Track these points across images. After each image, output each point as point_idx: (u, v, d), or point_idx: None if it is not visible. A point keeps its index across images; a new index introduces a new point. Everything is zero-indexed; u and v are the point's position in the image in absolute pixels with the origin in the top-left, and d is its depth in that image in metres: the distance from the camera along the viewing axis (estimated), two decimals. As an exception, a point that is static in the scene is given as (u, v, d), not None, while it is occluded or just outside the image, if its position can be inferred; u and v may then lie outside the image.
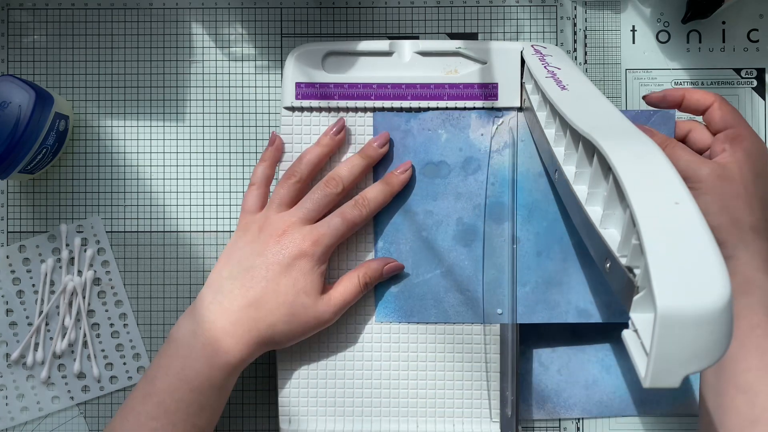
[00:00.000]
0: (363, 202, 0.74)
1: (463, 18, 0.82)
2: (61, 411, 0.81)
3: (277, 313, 0.71)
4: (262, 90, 0.82)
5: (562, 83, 0.70)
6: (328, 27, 0.83)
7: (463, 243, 0.77)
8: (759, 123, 0.82)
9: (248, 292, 0.71)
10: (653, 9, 0.82)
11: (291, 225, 0.72)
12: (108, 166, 0.82)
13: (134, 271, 0.82)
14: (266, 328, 0.71)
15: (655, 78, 0.82)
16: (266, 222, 0.73)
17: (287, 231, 0.72)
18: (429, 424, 0.77)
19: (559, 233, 0.77)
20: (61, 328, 0.81)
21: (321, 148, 0.76)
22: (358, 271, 0.75)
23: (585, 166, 0.64)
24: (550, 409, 0.80)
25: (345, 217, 0.73)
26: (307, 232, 0.72)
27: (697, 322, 0.46)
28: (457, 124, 0.78)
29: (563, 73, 0.72)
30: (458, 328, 0.77)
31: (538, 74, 0.72)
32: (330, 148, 0.76)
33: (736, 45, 0.82)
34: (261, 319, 0.70)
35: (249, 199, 0.76)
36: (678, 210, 0.50)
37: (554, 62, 0.74)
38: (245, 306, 0.70)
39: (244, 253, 0.73)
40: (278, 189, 0.75)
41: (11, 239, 0.82)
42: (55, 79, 0.82)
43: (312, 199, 0.74)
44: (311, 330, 0.73)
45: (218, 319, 0.70)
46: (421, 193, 0.78)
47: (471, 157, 0.78)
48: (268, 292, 0.71)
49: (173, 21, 0.82)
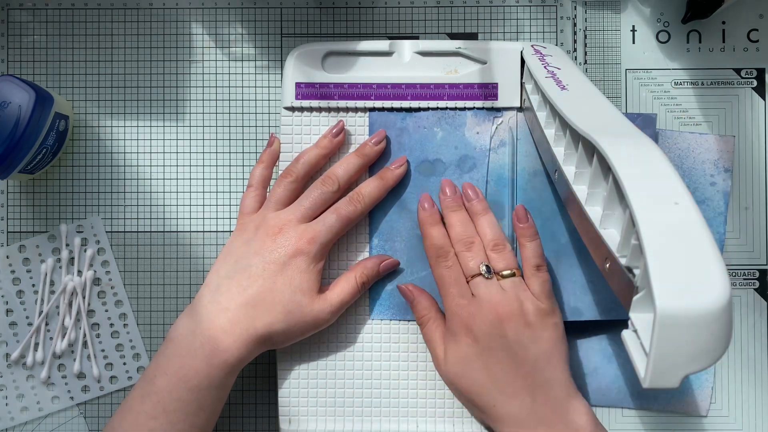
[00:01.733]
0: (358, 197, 0.75)
1: (463, 18, 0.82)
2: (61, 411, 0.81)
3: (274, 311, 0.71)
4: (262, 90, 0.82)
5: (562, 83, 0.70)
6: (328, 27, 0.83)
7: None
8: (759, 123, 0.81)
9: (245, 290, 0.71)
10: (653, 9, 0.82)
11: (287, 223, 0.73)
12: (108, 166, 0.82)
13: (134, 271, 0.82)
14: (263, 327, 0.71)
15: (655, 78, 0.82)
16: (263, 221, 0.73)
17: (283, 229, 0.72)
18: (429, 424, 0.77)
19: (552, 231, 0.77)
20: (61, 328, 0.81)
21: (319, 150, 0.76)
22: (354, 271, 0.75)
23: (585, 167, 0.64)
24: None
25: (340, 213, 0.74)
26: (302, 230, 0.72)
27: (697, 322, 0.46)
28: (452, 122, 0.78)
29: (563, 73, 0.72)
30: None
31: (538, 74, 0.72)
32: (328, 149, 0.77)
33: (736, 45, 0.82)
34: (258, 317, 0.70)
35: (246, 201, 0.76)
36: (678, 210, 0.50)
37: (554, 62, 0.75)
38: (242, 304, 0.71)
39: (241, 252, 0.73)
40: (275, 188, 0.75)
41: (11, 239, 0.82)
42: (55, 79, 0.82)
43: (308, 198, 0.74)
44: (309, 330, 0.73)
45: (216, 317, 0.70)
46: (416, 190, 0.78)
47: (466, 155, 0.78)
48: (264, 291, 0.71)
49: (173, 21, 0.82)
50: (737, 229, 0.81)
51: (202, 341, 0.69)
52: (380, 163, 0.78)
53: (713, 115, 0.81)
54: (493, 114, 0.78)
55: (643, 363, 0.49)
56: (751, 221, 0.81)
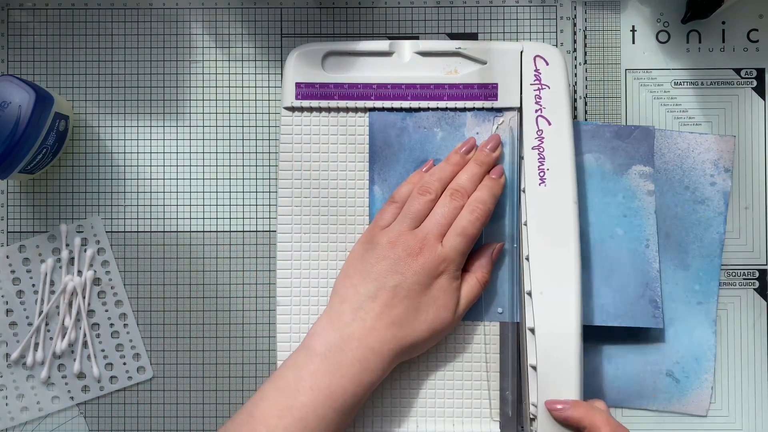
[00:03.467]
0: (479, 206, 0.74)
1: (463, 18, 0.82)
2: (61, 411, 0.82)
3: (419, 330, 0.71)
4: (262, 90, 0.82)
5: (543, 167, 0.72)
6: (328, 27, 0.83)
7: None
8: (759, 123, 0.82)
9: (391, 311, 0.70)
10: (653, 9, 0.82)
11: (425, 242, 0.72)
12: (108, 166, 0.82)
13: (134, 271, 0.82)
14: (408, 346, 0.71)
15: (654, 78, 0.82)
16: (399, 238, 0.73)
17: (423, 249, 0.72)
18: (429, 424, 0.77)
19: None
20: (61, 328, 0.81)
21: (452, 167, 0.76)
22: (473, 273, 0.76)
23: None
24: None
25: (466, 232, 0.73)
26: (440, 250, 0.72)
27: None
28: (452, 122, 0.78)
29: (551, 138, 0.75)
30: (458, 327, 0.77)
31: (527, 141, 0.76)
32: (460, 166, 0.76)
33: (736, 45, 0.82)
34: (403, 337, 0.70)
35: (386, 215, 0.75)
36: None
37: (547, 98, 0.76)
38: (389, 325, 0.70)
39: (379, 269, 0.72)
40: (412, 204, 0.74)
41: (11, 239, 0.82)
42: (55, 79, 0.83)
43: (442, 215, 0.73)
44: (440, 340, 0.75)
45: (365, 337, 0.69)
46: (416, 191, 0.78)
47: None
48: (410, 311, 0.71)
49: (173, 21, 0.83)
50: (737, 229, 0.81)
51: (351, 359, 0.69)
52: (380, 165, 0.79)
53: (713, 115, 0.81)
54: (493, 114, 0.78)
55: None
56: (751, 221, 0.81)
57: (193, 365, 0.82)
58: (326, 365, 0.68)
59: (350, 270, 0.73)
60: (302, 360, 0.69)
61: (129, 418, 0.82)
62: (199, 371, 0.82)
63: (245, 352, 0.81)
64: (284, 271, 0.78)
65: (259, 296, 0.82)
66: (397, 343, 0.70)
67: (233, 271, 0.82)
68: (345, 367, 0.68)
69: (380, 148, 0.79)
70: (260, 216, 0.82)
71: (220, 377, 0.82)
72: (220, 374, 0.82)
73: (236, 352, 0.82)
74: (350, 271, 0.73)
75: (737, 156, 0.81)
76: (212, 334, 0.82)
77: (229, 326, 0.82)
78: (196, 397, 0.82)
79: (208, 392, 0.81)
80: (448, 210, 0.73)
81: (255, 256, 0.82)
